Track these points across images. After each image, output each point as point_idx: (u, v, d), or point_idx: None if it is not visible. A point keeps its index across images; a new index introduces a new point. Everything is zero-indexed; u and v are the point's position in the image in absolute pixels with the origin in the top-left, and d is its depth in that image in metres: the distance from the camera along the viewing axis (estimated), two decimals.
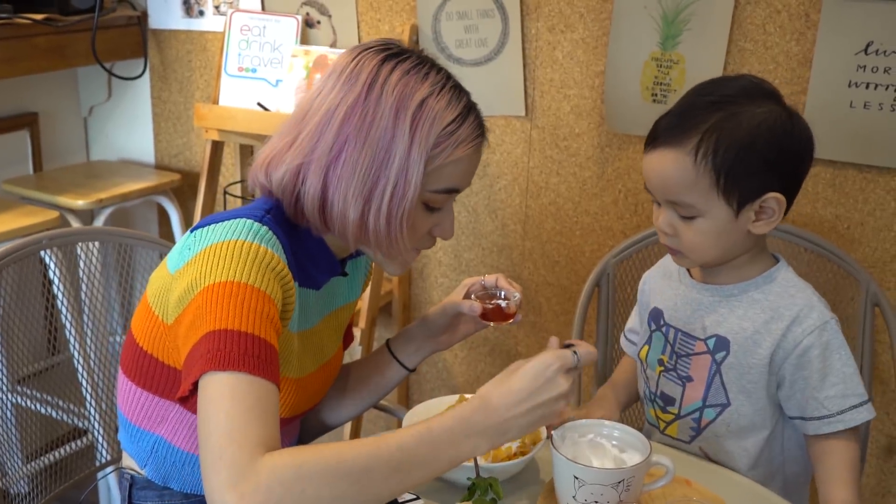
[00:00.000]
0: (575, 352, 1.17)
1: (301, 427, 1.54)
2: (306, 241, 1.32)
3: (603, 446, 1.28)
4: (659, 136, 1.38)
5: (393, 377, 1.58)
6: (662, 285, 1.57)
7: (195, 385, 1.10)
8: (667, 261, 1.60)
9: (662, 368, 1.53)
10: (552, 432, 1.26)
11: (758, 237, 1.42)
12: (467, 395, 1.45)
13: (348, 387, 1.58)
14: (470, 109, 1.28)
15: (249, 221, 1.22)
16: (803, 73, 2.05)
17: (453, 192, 1.30)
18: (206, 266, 1.17)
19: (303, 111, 1.28)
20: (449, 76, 1.29)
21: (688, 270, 1.53)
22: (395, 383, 1.59)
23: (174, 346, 1.23)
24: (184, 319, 1.18)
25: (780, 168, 1.36)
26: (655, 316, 1.56)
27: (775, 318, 1.41)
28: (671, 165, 1.35)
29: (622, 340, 1.72)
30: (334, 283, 1.43)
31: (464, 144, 1.26)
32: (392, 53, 1.27)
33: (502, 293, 1.46)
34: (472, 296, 1.47)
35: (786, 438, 1.50)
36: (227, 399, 1.07)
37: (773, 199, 1.36)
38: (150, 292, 1.28)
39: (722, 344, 1.45)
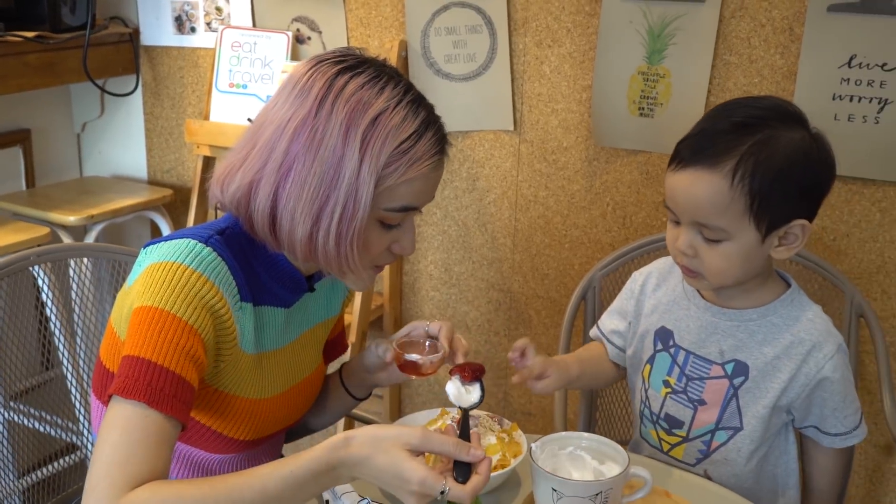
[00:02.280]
0: (443, 492, 1.06)
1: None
2: (267, 258, 1.28)
3: (582, 458, 1.28)
4: (690, 156, 1.34)
5: (347, 402, 1.55)
6: (668, 303, 1.55)
7: None
8: (666, 274, 1.58)
9: (669, 390, 1.51)
10: (532, 445, 1.27)
11: (769, 260, 1.42)
12: (448, 409, 1.46)
13: (328, 396, 1.56)
14: (428, 125, 1.22)
15: (193, 242, 1.20)
16: (788, 86, 2.06)
17: (410, 210, 1.25)
18: (142, 287, 1.17)
19: (257, 125, 1.24)
20: (408, 89, 1.22)
21: (698, 291, 1.51)
22: (350, 406, 1.56)
23: None
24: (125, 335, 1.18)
25: (810, 194, 1.36)
26: (664, 336, 1.53)
27: (796, 344, 1.42)
28: (705, 187, 1.32)
29: (598, 337, 1.67)
30: (306, 300, 1.39)
31: (418, 164, 1.20)
32: (347, 66, 1.21)
33: (428, 344, 1.39)
34: (395, 343, 1.39)
35: (782, 451, 1.52)
36: (118, 429, 1.07)
37: (800, 226, 1.35)
38: (113, 311, 1.27)
39: (741, 369, 1.45)
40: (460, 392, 1.27)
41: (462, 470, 1.10)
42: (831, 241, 2.09)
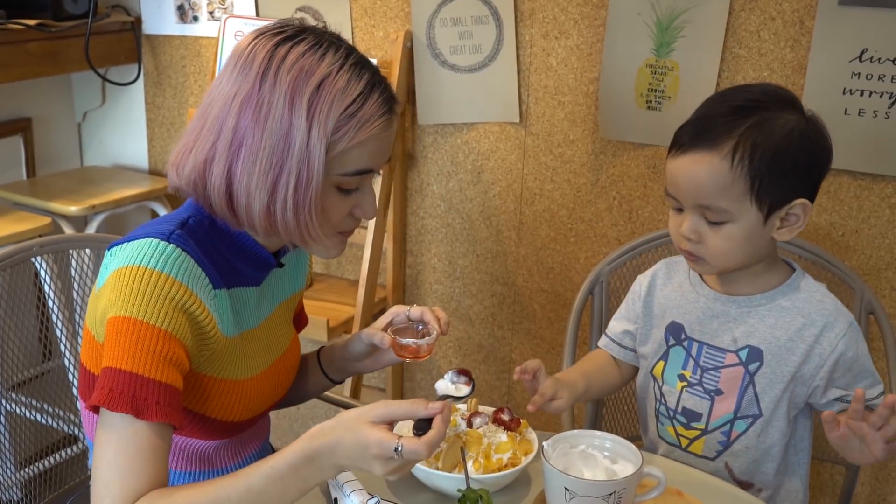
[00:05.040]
0: (397, 449, 1.08)
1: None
2: (233, 241, 1.29)
3: (595, 457, 1.27)
4: (690, 140, 1.37)
5: (325, 384, 1.59)
6: (677, 298, 1.55)
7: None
8: (671, 271, 1.58)
9: (685, 384, 1.51)
10: (543, 443, 1.25)
11: (772, 244, 1.44)
12: (458, 406, 1.45)
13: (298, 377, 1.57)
14: (373, 86, 1.21)
15: (155, 241, 1.20)
16: (798, 80, 2.04)
17: (366, 173, 1.25)
18: (113, 293, 1.17)
19: (206, 104, 1.24)
20: (350, 52, 1.22)
21: (703, 280, 1.52)
22: (328, 388, 1.60)
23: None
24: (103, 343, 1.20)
25: (808, 174, 1.38)
26: (675, 331, 1.53)
27: (808, 325, 1.43)
28: (706, 169, 1.34)
29: (608, 344, 1.67)
30: (275, 276, 1.41)
31: (367, 125, 1.20)
32: (287, 36, 1.21)
33: (420, 327, 1.43)
34: (389, 329, 1.43)
35: (798, 437, 1.52)
36: (112, 447, 1.12)
37: (800, 205, 1.38)
38: (88, 314, 1.28)
39: (755, 355, 1.46)
40: (448, 387, 1.31)
41: (421, 426, 1.12)
42: (840, 236, 2.08)
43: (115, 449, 1.12)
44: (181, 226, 1.24)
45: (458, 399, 1.30)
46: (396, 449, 1.08)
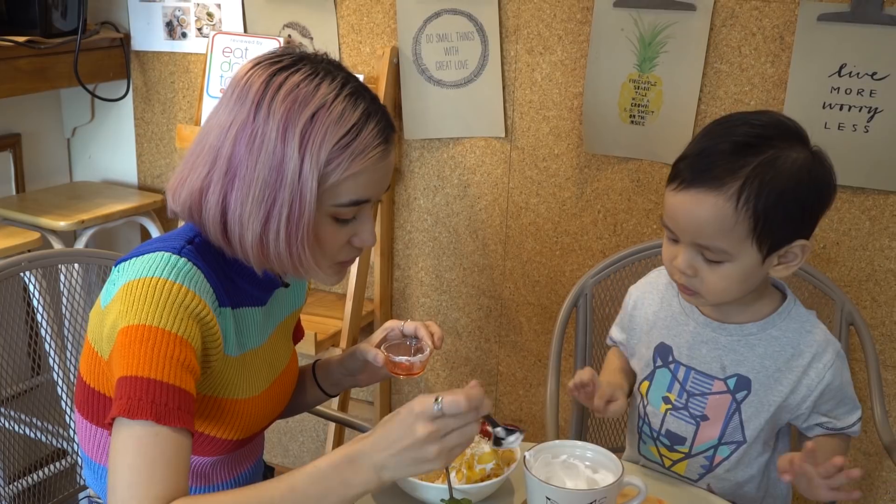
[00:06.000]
0: (437, 399, 1.07)
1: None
2: (237, 261, 1.28)
3: (576, 467, 1.29)
4: (692, 177, 1.31)
5: (320, 397, 1.60)
6: (666, 318, 1.53)
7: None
8: (662, 290, 1.57)
9: (670, 407, 1.51)
10: (525, 453, 1.27)
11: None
12: None
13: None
14: (369, 116, 1.20)
15: (167, 255, 1.20)
16: (778, 94, 2.07)
17: (361, 203, 1.24)
18: (124, 305, 1.17)
19: (204, 132, 1.24)
20: (346, 82, 1.21)
21: (696, 306, 1.50)
22: (322, 401, 1.62)
23: (113, 381, 1.20)
24: (112, 356, 1.18)
25: (814, 214, 1.35)
26: (663, 352, 1.52)
27: (796, 356, 1.43)
28: (709, 210, 1.29)
29: (615, 347, 1.67)
30: (278, 295, 1.41)
31: (361, 157, 1.19)
32: (283, 66, 1.20)
33: (414, 343, 1.44)
34: (383, 346, 1.44)
35: (777, 452, 1.52)
36: (132, 451, 1.09)
37: (799, 246, 1.34)
38: (90, 329, 1.27)
39: (743, 383, 1.44)
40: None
41: None
42: (821, 249, 2.11)
43: (135, 453, 1.09)
44: (190, 241, 1.25)
45: (509, 436, 1.25)
46: (437, 400, 1.06)
